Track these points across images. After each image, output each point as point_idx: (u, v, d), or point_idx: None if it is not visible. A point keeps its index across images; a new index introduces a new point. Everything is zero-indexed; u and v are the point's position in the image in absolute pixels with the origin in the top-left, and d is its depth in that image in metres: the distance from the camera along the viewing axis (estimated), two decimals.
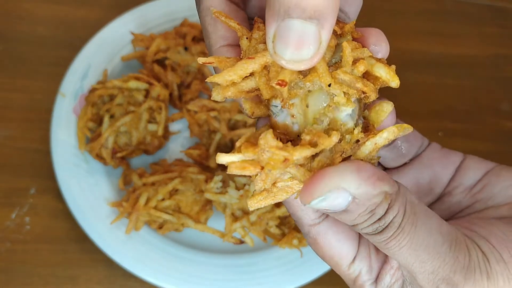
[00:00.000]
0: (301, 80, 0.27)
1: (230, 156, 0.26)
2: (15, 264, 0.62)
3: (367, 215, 0.27)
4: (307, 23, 0.24)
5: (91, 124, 0.65)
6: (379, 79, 0.28)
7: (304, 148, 0.26)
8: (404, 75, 0.82)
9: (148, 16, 0.74)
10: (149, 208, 0.61)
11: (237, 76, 0.27)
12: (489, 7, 0.90)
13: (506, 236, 0.31)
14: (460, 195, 0.37)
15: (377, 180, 0.26)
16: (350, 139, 0.27)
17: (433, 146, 0.38)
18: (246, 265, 0.63)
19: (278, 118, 0.28)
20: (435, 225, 0.28)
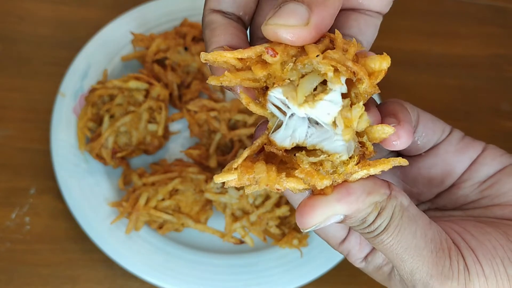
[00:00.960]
0: (292, 61, 0.27)
1: (228, 177, 0.28)
2: (15, 264, 0.62)
3: (358, 223, 0.30)
4: (299, 4, 0.27)
5: (91, 124, 0.65)
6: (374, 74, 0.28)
7: (297, 182, 0.28)
8: (404, 75, 0.82)
9: (148, 16, 0.74)
10: (149, 208, 0.61)
11: (232, 56, 0.28)
12: (489, 7, 0.90)
13: (496, 249, 0.31)
14: (468, 188, 0.37)
15: (367, 196, 0.29)
16: (343, 171, 0.28)
17: (453, 137, 0.38)
18: (246, 265, 0.63)
19: (275, 137, 0.29)
20: (421, 230, 0.30)
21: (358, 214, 0.29)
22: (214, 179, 0.29)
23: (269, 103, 0.29)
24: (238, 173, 0.28)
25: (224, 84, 0.28)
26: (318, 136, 0.29)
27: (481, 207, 0.36)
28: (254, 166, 0.28)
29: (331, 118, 0.28)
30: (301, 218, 0.29)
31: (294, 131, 0.29)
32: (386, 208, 0.29)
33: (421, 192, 0.39)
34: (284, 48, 0.27)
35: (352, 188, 0.29)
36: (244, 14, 0.33)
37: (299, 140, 0.29)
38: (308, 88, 0.27)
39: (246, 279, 0.62)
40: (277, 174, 0.28)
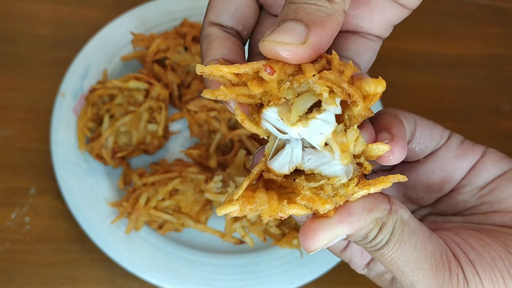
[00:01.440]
0: (289, 80, 0.27)
1: (230, 208, 0.28)
2: (15, 264, 0.62)
3: (360, 238, 0.30)
4: (297, 23, 0.28)
5: (91, 124, 0.65)
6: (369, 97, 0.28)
7: (299, 209, 0.28)
8: (404, 75, 0.82)
9: (148, 16, 0.74)
10: (149, 208, 0.61)
11: (229, 71, 0.28)
12: (489, 7, 0.90)
13: (495, 261, 0.31)
14: (468, 194, 0.37)
15: (368, 213, 0.29)
16: (344, 193, 0.29)
17: (452, 142, 0.37)
18: (246, 265, 0.63)
19: (273, 164, 0.29)
20: (421, 243, 0.30)
21: (360, 231, 0.29)
22: (217, 212, 0.29)
23: (263, 121, 0.29)
24: (239, 204, 0.28)
25: (219, 99, 0.28)
26: (316, 161, 0.29)
27: (480, 213, 0.37)
28: (255, 196, 0.28)
29: (324, 138, 0.28)
30: (305, 242, 0.29)
31: (291, 156, 0.29)
32: (387, 223, 0.29)
33: (421, 198, 0.39)
34: (282, 66, 0.27)
35: (353, 208, 0.29)
36: (243, 29, 0.33)
37: (296, 162, 0.29)
38: (302, 107, 0.27)
39: (246, 279, 0.62)
40: (279, 202, 0.28)
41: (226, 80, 0.28)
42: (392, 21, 0.35)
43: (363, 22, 0.35)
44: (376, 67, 0.85)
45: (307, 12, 0.28)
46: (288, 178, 0.29)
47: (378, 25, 0.35)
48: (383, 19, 0.35)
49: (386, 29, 0.36)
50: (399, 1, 0.34)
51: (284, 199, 0.28)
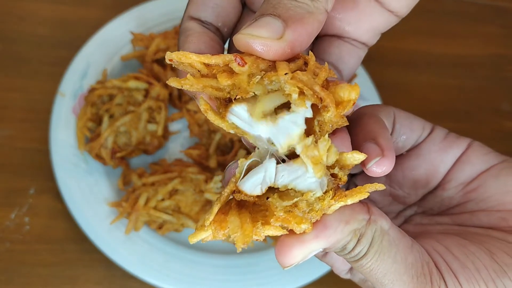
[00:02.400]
0: (260, 75, 0.26)
1: (202, 235, 0.27)
2: (15, 264, 0.62)
3: (339, 250, 0.29)
4: (275, 18, 0.27)
5: (90, 124, 0.65)
6: None
7: (274, 229, 0.27)
8: (404, 75, 0.82)
9: (147, 16, 0.73)
10: (149, 208, 0.61)
11: (198, 60, 0.26)
12: (490, 7, 0.90)
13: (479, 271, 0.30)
14: (453, 190, 0.36)
15: (345, 225, 0.28)
16: (320, 207, 0.27)
17: (436, 135, 0.37)
18: (246, 265, 0.63)
19: (244, 186, 0.28)
20: (401, 254, 0.29)
21: (337, 244, 0.28)
22: (189, 240, 0.27)
23: (230, 115, 0.27)
24: (212, 230, 0.27)
25: (185, 88, 0.27)
26: (289, 176, 0.27)
27: (467, 212, 0.36)
28: (228, 220, 0.27)
29: (290, 140, 0.26)
30: (279, 257, 0.28)
31: (264, 177, 0.27)
32: (365, 234, 0.28)
33: (407, 195, 0.39)
34: (255, 60, 0.26)
35: (329, 221, 0.28)
36: (223, 26, 0.33)
37: (269, 182, 0.28)
38: (269, 104, 0.26)
39: (246, 279, 0.62)
40: (253, 225, 0.27)
41: (195, 70, 0.27)
42: (379, 28, 0.35)
43: (349, 26, 0.34)
44: (377, 67, 0.85)
45: (286, 8, 0.27)
46: (261, 197, 0.28)
47: (365, 31, 0.34)
48: (370, 25, 0.34)
49: (372, 36, 0.35)
50: (388, 8, 0.34)
51: (258, 219, 0.27)
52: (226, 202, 0.28)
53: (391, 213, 0.40)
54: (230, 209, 0.28)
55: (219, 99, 0.28)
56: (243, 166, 0.28)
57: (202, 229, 0.27)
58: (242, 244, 0.26)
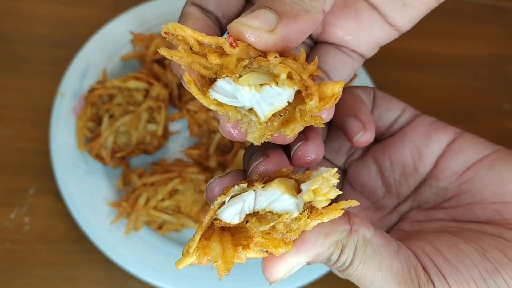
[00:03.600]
0: (250, 59, 0.27)
1: (188, 261, 0.28)
2: (15, 264, 0.62)
3: (325, 262, 0.29)
4: (270, 11, 0.27)
5: (90, 124, 0.65)
6: None
7: (255, 253, 0.28)
8: (405, 75, 0.82)
9: (147, 16, 0.73)
10: (149, 209, 0.61)
11: (193, 35, 0.27)
12: (490, 7, 0.90)
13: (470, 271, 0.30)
14: (447, 180, 0.36)
15: (325, 237, 0.28)
16: (297, 227, 0.28)
17: (421, 120, 0.38)
18: (246, 265, 0.63)
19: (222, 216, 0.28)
20: (386, 261, 0.29)
21: (319, 257, 0.29)
22: (176, 266, 0.28)
23: (212, 91, 0.28)
24: (197, 257, 0.28)
25: (174, 59, 0.27)
26: (266, 199, 0.28)
27: (462, 205, 0.35)
28: (210, 246, 0.28)
29: (272, 110, 0.27)
30: (265, 274, 0.29)
31: (242, 206, 0.28)
32: (347, 244, 0.29)
33: (398, 184, 0.38)
34: (247, 46, 0.27)
35: (308, 235, 0.28)
36: (223, 17, 0.33)
37: (248, 211, 0.28)
38: (254, 79, 0.27)
39: (246, 279, 0.62)
40: (234, 250, 0.27)
41: (187, 47, 0.27)
42: (379, 41, 0.35)
43: (349, 35, 0.34)
44: (377, 67, 0.85)
45: (282, 3, 0.27)
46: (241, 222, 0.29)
47: (364, 43, 0.34)
48: (370, 37, 0.34)
49: (371, 49, 0.35)
50: (391, 22, 0.34)
51: (240, 241, 0.28)
52: (210, 225, 0.29)
53: (386, 207, 0.39)
54: (213, 233, 0.28)
55: (204, 77, 0.28)
56: (221, 200, 0.29)
57: (188, 255, 0.28)
58: (223, 273, 0.27)
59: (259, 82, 0.27)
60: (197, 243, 0.28)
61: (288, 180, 0.29)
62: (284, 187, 0.28)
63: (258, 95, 0.26)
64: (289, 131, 0.28)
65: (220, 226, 0.29)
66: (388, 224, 0.39)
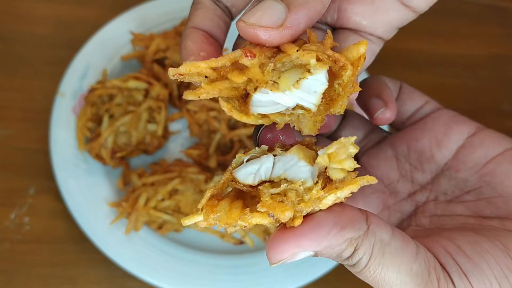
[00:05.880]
0: (271, 61, 0.26)
1: (195, 218, 0.27)
2: (14, 265, 0.62)
3: (334, 257, 0.28)
4: (278, 2, 0.26)
5: (90, 124, 0.65)
6: None
7: (262, 217, 0.26)
8: (404, 75, 0.82)
9: (147, 16, 0.73)
10: (149, 209, 0.61)
11: (206, 66, 0.26)
12: (491, 7, 0.90)
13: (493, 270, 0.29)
14: (467, 172, 0.36)
15: (340, 231, 0.27)
16: (310, 198, 0.27)
17: (442, 112, 0.38)
18: (245, 265, 0.63)
19: (237, 174, 0.28)
20: (406, 265, 0.28)
21: (330, 250, 0.27)
22: (182, 222, 0.27)
23: (252, 107, 0.27)
24: (203, 214, 0.27)
25: (202, 97, 0.27)
26: (283, 165, 0.27)
27: (483, 198, 0.35)
28: (219, 205, 0.27)
29: (319, 95, 0.27)
30: (268, 252, 0.27)
31: (259, 169, 0.28)
32: (362, 244, 0.27)
33: (414, 169, 0.38)
34: (261, 49, 0.26)
35: (322, 220, 0.26)
36: (232, 6, 0.33)
37: (264, 177, 0.28)
38: (291, 78, 0.26)
39: (246, 279, 0.62)
40: (241, 211, 0.26)
41: (202, 78, 0.27)
42: (396, 23, 0.34)
43: (366, 20, 0.33)
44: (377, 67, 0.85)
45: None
46: (255, 188, 0.28)
47: (381, 26, 0.34)
48: (387, 20, 0.34)
49: (388, 31, 0.34)
50: (407, 3, 0.33)
51: (246, 209, 0.27)
52: (225, 195, 0.28)
53: (401, 193, 0.39)
54: (225, 197, 0.28)
55: (237, 98, 0.28)
56: (240, 159, 0.28)
57: (196, 213, 0.27)
58: (224, 224, 0.26)
59: (295, 79, 0.26)
60: (207, 200, 0.27)
61: (308, 150, 0.28)
62: (302, 153, 0.27)
63: (299, 91, 0.26)
64: (338, 107, 0.28)
65: (236, 194, 0.28)
66: (404, 211, 0.38)
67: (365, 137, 0.41)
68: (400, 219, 0.38)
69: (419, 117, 0.39)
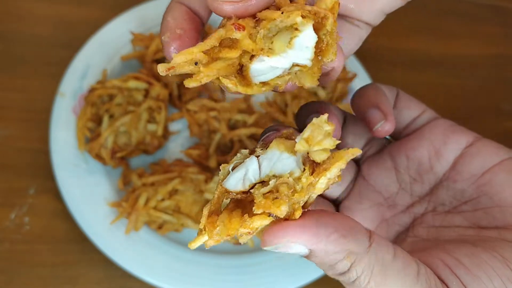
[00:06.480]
0: (256, 28, 0.27)
1: (201, 240, 0.27)
2: (15, 265, 0.62)
3: (328, 267, 0.27)
4: None
5: (90, 124, 0.65)
6: None
7: (262, 219, 0.26)
8: (404, 75, 0.82)
9: (147, 16, 0.73)
10: (149, 209, 0.61)
11: (198, 50, 0.26)
12: (490, 7, 0.90)
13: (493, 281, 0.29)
14: (464, 182, 0.36)
15: (339, 238, 0.26)
16: (301, 187, 0.26)
17: (440, 122, 0.38)
18: (246, 265, 0.63)
19: (227, 184, 0.28)
20: (407, 286, 0.27)
21: (324, 256, 0.26)
22: (190, 247, 0.27)
23: (253, 77, 0.28)
24: (207, 233, 0.27)
25: (203, 82, 0.27)
26: (268, 163, 0.27)
27: (480, 209, 0.35)
28: (219, 219, 0.27)
29: (311, 50, 0.27)
30: (263, 235, 0.27)
31: (246, 173, 0.27)
32: (361, 261, 0.26)
33: (413, 181, 0.38)
34: (243, 21, 0.26)
35: (326, 222, 0.26)
36: None
37: (255, 179, 0.27)
38: (282, 40, 0.27)
39: (246, 279, 0.62)
40: (240, 219, 0.26)
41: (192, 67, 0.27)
42: (384, 9, 0.34)
43: (351, 4, 0.33)
44: (377, 67, 0.85)
45: None
46: (248, 193, 0.28)
47: (368, 11, 0.33)
48: (374, 6, 0.33)
49: (377, 16, 0.34)
50: None
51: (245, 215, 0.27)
52: (226, 207, 0.28)
53: (400, 205, 0.39)
54: (224, 210, 0.28)
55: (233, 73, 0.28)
56: (225, 169, 0.28)
57: (200, 234, 0.28)
58: (225, 236, 0.26)
59: (288, 40, 0.27)
60: (206, 219, 0.27)
61: (288, 141, 0.28)
62: (282, 146, 0.27)
63: (293, 51, 0.27)
64: (331, 55, 0.28)
65: (234, 205, 0.28)
66: (402, 223, 0.38)
67: (367, 143, 0.41)
68: (398, 231, 0.38)
69: (417, 127, 0.38)
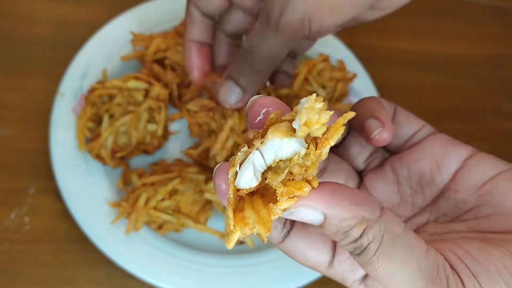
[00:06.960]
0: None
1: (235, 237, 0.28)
2: (14, 265, 0.62)
3: (342, 235, 0.28)
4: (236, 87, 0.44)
5: (90, 124, 0.65)
6: None
7: (287, 202, 0.27)
8: (404, 75, 0.82)
9: (147, 16, 0.73)
10: (149, 208, 0.61)
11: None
12: (491, 7, 0.90)
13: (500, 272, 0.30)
14: (466, 192, 0.36)
15: (353, 204, 0.27)
16: (310, 162, 0.27)
17: (439, 136, 0.38)
18: (246, 265, 0.63)
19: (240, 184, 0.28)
20: (416, 260, 0.28)
21: (338, 222, 0.27)
22: (227, 247, 0.28)
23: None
24: (239, 230, 0.28)
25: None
26: (271, 151, 0.28)
27: (483, 217, 0.35)
28: (246, 216, 0.27)
29: None
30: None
31: (254, 167, 0.28)
32: (372, 228, 0.27)
33: (414, 192, 0.39)
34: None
35: (341, 190, 0.27)
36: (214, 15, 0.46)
37: (262, 169, 0.28)
38: None
39: (246, 279, 0.62)
40: (267, 209, 0.27)
41: None
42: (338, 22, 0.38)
43: None
44: (377, 67, 0.85)
45: None
46: (261, 183, 0.28)
47: None
48: None
49: None
50: None
51: (271, 200, 0.27)
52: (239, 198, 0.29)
53: (401, 217, 0.39)
54: (244, 203, 0.28)
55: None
56: (233, 172, 0.29)
57: (232, 232, 0.28)
58: (266, 233, 0.27)
59: None
60: (234, 219, 0.28)
61: (281, 124, 0.28)
62: (279, 132, 0.28)
63: None
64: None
65: (248, 193, 0.29)
66: None
67: (370, 155, 0.41)
68: None
69: (416, 141, 0.39)
